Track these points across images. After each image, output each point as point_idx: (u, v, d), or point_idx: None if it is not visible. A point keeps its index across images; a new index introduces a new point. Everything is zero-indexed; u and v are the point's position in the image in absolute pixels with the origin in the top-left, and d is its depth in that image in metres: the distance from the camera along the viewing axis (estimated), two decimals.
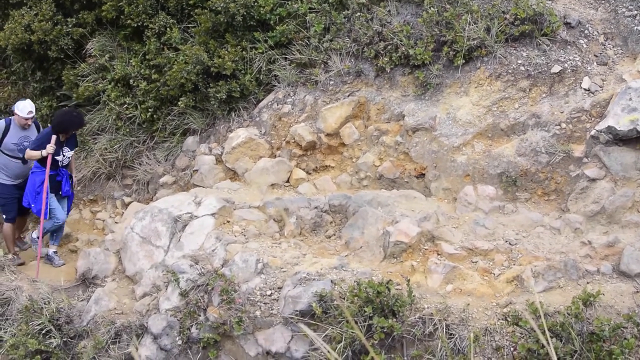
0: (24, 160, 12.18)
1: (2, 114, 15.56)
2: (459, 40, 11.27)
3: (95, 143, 14.11)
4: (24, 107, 12.14)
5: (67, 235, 12.94)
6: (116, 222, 13.08)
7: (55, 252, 12.47)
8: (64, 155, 12.07)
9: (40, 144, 11.79)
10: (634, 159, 10.04)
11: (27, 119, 12.15)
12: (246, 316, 8.78)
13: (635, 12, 11.56)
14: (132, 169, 13.84)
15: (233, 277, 9.12)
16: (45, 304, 10.05)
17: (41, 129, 12.54)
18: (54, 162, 11.88)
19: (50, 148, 11.65)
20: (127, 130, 13.87)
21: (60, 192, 12.23)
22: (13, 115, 12.33)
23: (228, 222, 10.58)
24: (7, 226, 12.58)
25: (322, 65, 12.42)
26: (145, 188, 13.62)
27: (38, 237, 12.13)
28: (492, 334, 8.17)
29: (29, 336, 9.56)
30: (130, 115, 13.76)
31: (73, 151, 12.49)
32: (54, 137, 11.79)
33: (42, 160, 11.82)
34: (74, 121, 12.14)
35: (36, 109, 14.64)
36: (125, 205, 13.48)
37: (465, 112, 11.16)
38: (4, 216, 12.66)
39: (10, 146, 12.20)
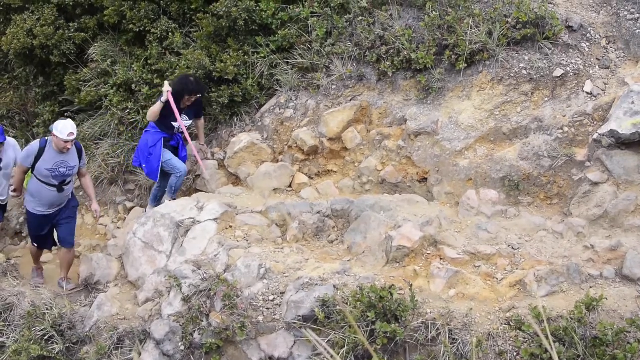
0: (60, 188, 11.00)
1: (4, 119, 15.56)
2: (461, 44, 11.26)
3: (98, 148, 14.10)
4: (64, 128, 10.62)
5: None
6: (118, 228, 13.10)
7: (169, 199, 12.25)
8: (163, 103, 11.65)
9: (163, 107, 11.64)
10: (636, 163, 10.02)
11: (66, 141, 10.65)
12: (249, 321, 8.77)
13: (638, 15, 11.53)
14: (134, 174, 13.83)
15: (235, 282, 9.11)
16: (47, 309, 10.05)
17: (83, 152, 11.36)
18: (170, 126, 11.79)
19: (165, 93, 11.46)
20: (130, 135, 13.86)
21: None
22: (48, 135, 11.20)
23: (230, 227, 10.58)
24: (33, 248, 11.72)
25: (324, 70, 12.42)
26: (147, 193, 13.60)
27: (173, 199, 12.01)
28: (495, 338, 8.15)
29: (32, 342, 9.58)
30: (133, 120, 13.75)
31: (191, 121, 12.29)
32: (166, 82, 11.75)
33: (160, 124, 11.79)
34: (187, 86, 11.75)
35: (38, 114, 14.75)
36: (128, 211, 13.49)
37: (468, 116, 11.15)
38: (31, 241, 11.81)
39: (43, 172, 10.81)
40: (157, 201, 12.24)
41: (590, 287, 8.63)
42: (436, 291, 8.81)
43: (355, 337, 8.05)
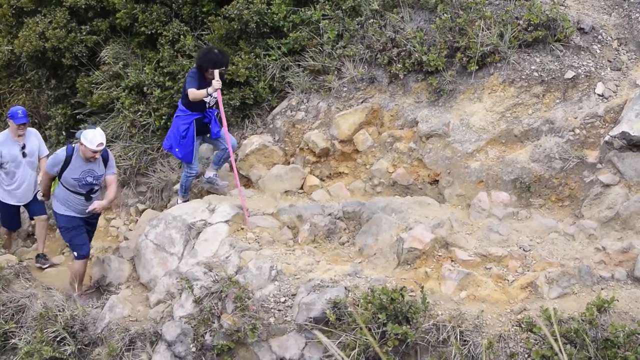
0: (88, 197, 10.76)
1: None
2: (472, 46, 11.26)
3: (110, 150, 14.14)
4: (94, 138, 10.33)
5: None
6: (130, 230, 13.11)
7: (216, 175, 12.23)
8: (210, 96, 11.38)
9: (192, 83, 11.22)
10: None
11: (95, 151, 10.41)
12: (260, 323, 8.77)
13: None
14: (146, 176, 13.86)
15: (247, 284, 9.12)
16: (59, 311, 10.07)
17: (110, 159, 11.06)
18: (201, 104, 11.49)
19: (217, 83, 11.09)
20: (141, 137, 13.89)
21: (208, 135, 11.91)
22: (73, 142, 11.03)
23: (242, 229, 10.59)
24: (77, 263, 11.03)
25: (336, 72, 12.43)
26: (159, 195, 13.64)
27: (213, 175, 12.14)
28: (506, 340, 8.14)
29: (44, 343, 9.59)
30: (144, 122, 13.78)
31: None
32: (216, 71, 11.22)
33: (190, 104, 11.42)
34: (213, 59, 11.30)
35: (50, 116, 14.80)
36: (140, 213, 13.49)
37: (479, 118, 11.15)
38: (74, 253, 11.05)
39: (70, 181, 10.57)
40: (185, 192, 12.21)
41: (602, 289, 8.62)
42: (447, 293, 8.80)
43: (366, 339, 8.06)
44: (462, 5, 11.75)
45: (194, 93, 11.11)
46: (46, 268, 12.28)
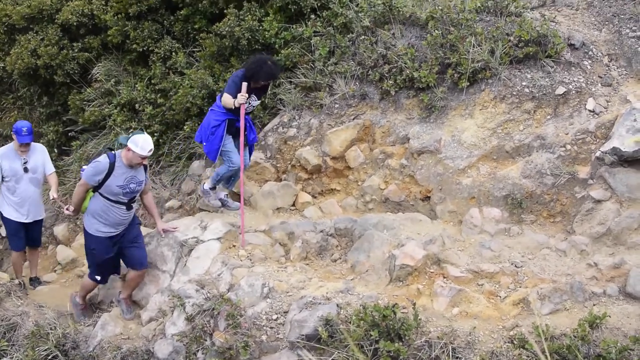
0: (129, 206, 10.33)
1: (9, 139, 15.62)
2: (463, 63, 11.29)
3: None
4: (145, 144, 9.99)
5: (73, 260, 12.94)
6: None
7: (227, 195, 11.87)
8: (249, 103, 11.16)
9: (232, 88, 10.92)
10: (639, 180, 10.03)
11: (144, 158, 10.11)
12: (252, 341, 8.76)
13: (639, 33, 11.57)
14: None
15: (239, 301, 9.11)
16: (51, 329, 10.06)
17: (147, 166, 10.72)
18: (237, 108, 10.99)
19: (241, 98, 10.79)
20: None
21: (237, 139, 11.30)
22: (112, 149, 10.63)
23: (234, 246, 10.58)
24: (91, 283, 10.78)
25: (327, 89, 12.44)
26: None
27: (210, 188, 11.68)
28: (498, 357, 8.12)
29: None
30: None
31: (259, 101, 11.62)
32: (244, 84, 10.84)
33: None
34: (266, 72, 11.03)
35: (42, 134, 14.79)
36: None
37: (470, 135, 11.17)
38: (91, 274, 10.70)
39: (114, 189, 10.06)
40: (231, 183, 11.97)
41: (594, 305, 8.62)
42: (439, 310, 8.79)
43: (358, 357, 8.05)
44: (453, 21, 11.77)
45: (226, 99, 10.94)
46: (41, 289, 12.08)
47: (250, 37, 12.80)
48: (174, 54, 13.74)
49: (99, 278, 10.63)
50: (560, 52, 11.31)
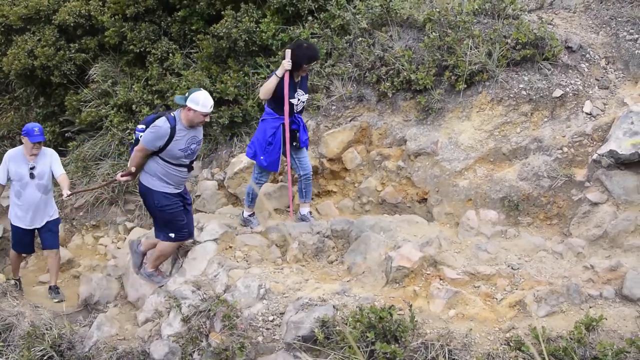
0: (190, 167, 10.11)
1: (5, 139, 15.60)
2: (460, 65, 11.30)
3: (98, 168, 14.14)
4: (207, 101, 9.54)
5: (70, 260, 12.92)
6: (118, 248, 13.08)
7: (310, 212, 11.33)
8: (298, 99, 10.72)
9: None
10: (636, 183, 10.03)
11: (207, 115, 9.68)
12: (248, 342, 8.73)
13: (637, 35, 11.59)
14: (134, 194, 13.82)
15: (235, 302, 9.09)
16: (47, 329, 10.02)
17: None
18: (289, 107, 10.60)
19: (287, 64, 10.33)
20: (130, 155, 13.89)
21: (295, 143, 10.96)
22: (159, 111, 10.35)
23: (230, 247, 10.56)
24: (171, 245, 10.19)
25: (324, 90, 12.45)
26: (147, 213, 13.61)
27: (250, 215, 11.26)
28: (495, 359, 8.11)
29: None
30: (133, 140, 13.77)
31: (307, 95, 11.05)
32: (288, 50, 10.45)
33: (279, 106, 10.61)
34: (306, 54, 10.49)
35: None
36: (128, 231, 13.46)
37: (467, 137, 11.18)
38: (170, 235, 10.03)
39: (176, 153, 9.69)
40: (306, 196, 11.40)
41: (590, 307, 8.61)
42: (436, 311, 8.78)
43: (354, 358, 8.03)
44: (451, 24, 11.78)
45: (263, 88, 10.53)
46: (58, 302, 11.58)
47: (247, 38, 12.83)
48: (171, 55, 13.75)
49: (173, 235, 10.04)
50: (558, 54, 11.31)
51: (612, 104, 10.90)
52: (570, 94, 11.03)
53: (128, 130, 13.79)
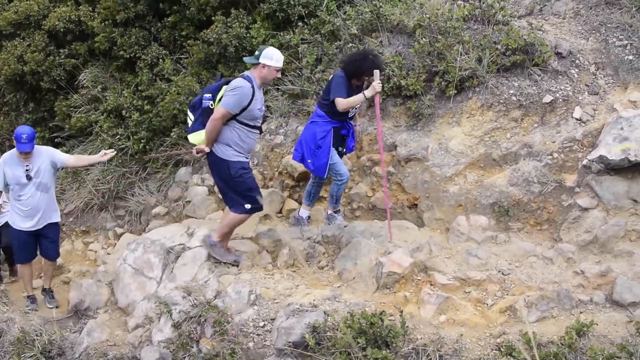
0: (261, 129, 10.17)
1: None
2: (450, 71, 11.31)
3: (88, 174, 14.13)
4: (279, 55, 9.61)
5: (60, 266, 12.84)
6: (108, 254, 13.06)
7: (338, 212, 11.24)
8: (354, 107, 10.61)
9: (341, 92, 10.27)
10: (625, 188, 10.07)
11: (279, 70, 9.69)
12: (239, 348, 8.71)
13: (626, 41, 11.62)
14: (124, 200, 13.85)
15: (226, 308, 9.07)
16: (37, 335, 9.99)
17: None
18: (344, 112, 10.48)
19: (378, 85, 10.10)
20: (120, 161, 13.91)
21: (341, 149, 10.95)
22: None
23: None
24: (241, 217, 10.02)
25: (315, 96, 12.44)
26: (137, 219, 13.62)
27: (335, 212, 11.15)
28: None
29: None
30: (123, 146, 13.80)
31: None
32: (377, 71, 10.19)
33: (331, 110, 10.46)
34: (372, 64, 10.27)
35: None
36: (118, 237, 13.46)
37: (458, 142, 11.19)
38: (246, 206, 9.86)
39: (255, 114, 9.63)
40: (311, 199, 11.41)
41: (581, 313, 8.61)
42: (426, 317, 8.78)
43: None
44: (441, 29, 11.80)
45: (345, 103, 10.31)
46: (52, 308, 11.47)
47: (237, 44, 12.85)
48: (161, 60, 13.75)
49: (249, 206, 9.88)
50: (548, 60, 11.34)
51: (602, 109, 10.93)
52: (560, 100, 11.05)
53: (118, 136, 13.79)
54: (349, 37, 12.62)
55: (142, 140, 13.56)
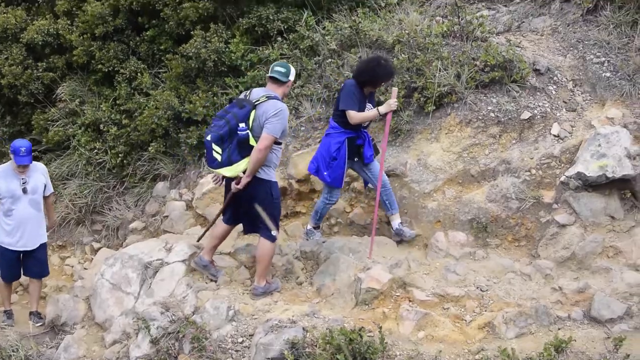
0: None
1: None
2: (429, 87, 11.34)
3: (65, 188, 14.05)
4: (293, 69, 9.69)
5: None
6: (85, 268, 12.99)
7: (401, 223, 10.93)
8: (382, 116, 10.43)
9: (352, 102, 10.16)
10: (603, 205, 10.15)
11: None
12: None
13: (603, 59, 11.70)
14: (101, 214, 13.79)
15: (204, 324, 9.05)
16: (13, 351, 9.93)
17: None
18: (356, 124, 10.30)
19: (394, 104, 10.11)
20: (97, 175, 13.85)
21: (357, 159, 10.67)
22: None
23: None
24: (272, 246, 9.80)
25: (293, 111, 12.45)
26: (114, 234, 13.56)
27: (314, 228, 11.02)
28: None
29: None
30: (100, 160, 13.76)
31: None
32: (395, 89, 10.24)
33: (343, 121, 10.27)
34: (385, 71, 10.23)
35: (5, 153, 14.69)
36: (95, 251, 13.39)
37: (436, 158, 11.21)
38: (273, 233, 9.70)
39: (286, 130, 9.66)
40: (320, 219, 11.19)
41: (559, 329, 8.65)
42: (405, 333, 8.78)
43: None
44: (420, 45, 11.85)
45: (359, 118, 10.23)
46: (39, 326, 11.20)
47: (216, 58, 12.85)
48: (139, 74, 13.73)
49: (275, 233, 9.78)
50: (526, 77, 11.41)
51: (580, 126, 10.99)
52: (538, 116, 11.11)
53: (95, 150, 13.75)
54: (328, 53, 12.64)
55: (120, 155, 13.52)
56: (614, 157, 10.15)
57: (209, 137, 9.16)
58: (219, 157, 9.17)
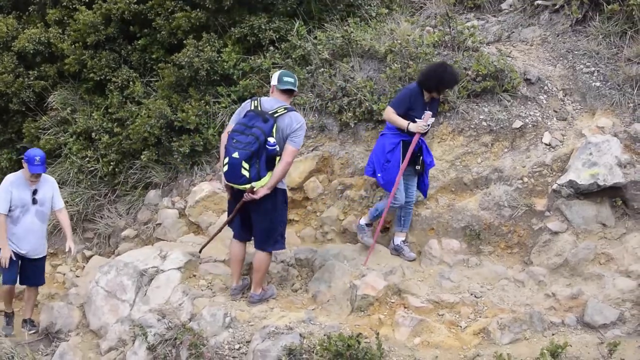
0: None
1: None
2: None
3: None
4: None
5: None
6: (77, 276, 12.98)
7: (404, 242, 10.87)
8: (428, 125, 10.25)
9: (398, 103, 10.23)
10: (594, 212, 10.25)
11: None
12: None
13: (593, 68, 11.81)
14: (93, 222, 13.79)
15: (201, 331, 9.07)
16: (9, 358, 9.92)
17: None
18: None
19: (423, 126, 10.08)
20: (89, 183, 13.85)
21: (418, 166, 10.51)
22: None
23: (194, 276, 10.54)
24: (268, 261, 9.88)
25: None
26: (106, 242, 13.57)
27: (367, 224, 10.77)
28: None
29: None
30: (92, 168, 13.76)
31: (434, 118, 10.52)
32: (428, 113, 10.12)
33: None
34: (450, 78, 10.20)
35: None
36: (86, 259, 13.39)
37: None
38: (282, 242, 9.82)
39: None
40: (403, 224, 10.90)
41: (553, 335, 8.72)
42: (401, 339, 8.83)
43: None
44: (412, 55, 11.92)
45: (391, 118, 10.26)
46: (32, 334, 11.17)
47: (209, 67, 12.89)
48: (131, 83, 13.75)
49: (281, 241, 9.84)
50: (517, 86, 11.50)
51: (570, 135, 11.09)
52: (530, 125, 11.21)
53: (87, 158, 13.76)
54: (320, 62, 12.70)
55: (112, 163, 13.53)
56: (605, 165, 10.26)
57: (236, 155, 8.95)
58: (247, 174, 9.01)
